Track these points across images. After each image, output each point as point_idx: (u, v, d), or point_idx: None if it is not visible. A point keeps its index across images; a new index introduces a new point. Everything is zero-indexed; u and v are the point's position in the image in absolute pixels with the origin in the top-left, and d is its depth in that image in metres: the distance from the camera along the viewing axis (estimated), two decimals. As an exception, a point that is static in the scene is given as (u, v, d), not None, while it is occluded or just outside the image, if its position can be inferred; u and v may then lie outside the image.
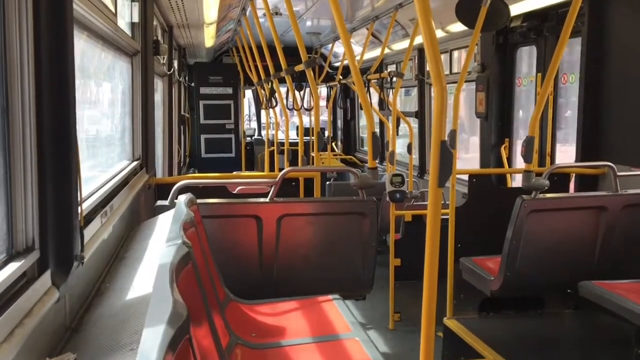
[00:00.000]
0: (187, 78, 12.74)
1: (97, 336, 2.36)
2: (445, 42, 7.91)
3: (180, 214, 3.10)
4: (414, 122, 9.52)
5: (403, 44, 8.70)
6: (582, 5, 4.22)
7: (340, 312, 3.53)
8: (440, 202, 2.27)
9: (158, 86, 7.52)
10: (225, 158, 13.52)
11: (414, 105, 9.96)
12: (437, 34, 7.23)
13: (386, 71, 8.44)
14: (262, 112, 12.85)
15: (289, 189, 5.22)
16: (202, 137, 13.55)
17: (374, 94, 8.37)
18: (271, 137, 10.60)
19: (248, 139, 14.28)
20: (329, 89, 14.20)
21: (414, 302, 2.46)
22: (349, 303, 3.83)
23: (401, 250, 5.85)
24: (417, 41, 7.11)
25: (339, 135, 15.14)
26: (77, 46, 3.16)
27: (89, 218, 2.89)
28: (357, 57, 8.92)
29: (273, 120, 9.53)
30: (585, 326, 4.80)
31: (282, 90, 8.23)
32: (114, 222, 3.43)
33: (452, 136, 4.73)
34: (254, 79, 9.61)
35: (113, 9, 3.92)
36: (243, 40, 9.08)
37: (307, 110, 9.65)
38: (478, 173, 6.01)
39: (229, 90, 13.53)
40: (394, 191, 4.12)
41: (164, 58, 7.10)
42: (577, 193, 5.44)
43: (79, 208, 2.36)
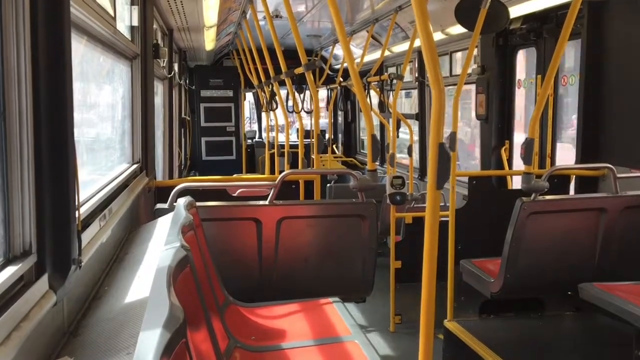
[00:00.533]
0: (187, 81, 12.74)
1: (95, 340, 2.36)
2: (445, 44, 7.90)
3: (179, 217, 3.10)
4: (415, 124, 9.52)
5: (403, 47, 8.70)
6: (581, 7, 4.22)
7: (340, 315, 3.52)
8: (439, 204, 2.27)
9: (158, 89, 7.53)
10: (226, 161, 13.51)
11: (414, 108, 9.96)
12: (437, 36, 7.31)
13: (386, 73, 8.41)
14: (263, 114, 12.84)
15: (289, 192, 5.23)
16: (203, 139, 13.55)
17: (375, 97, 8.36)
18: (272, 140, 10.60)
19: (249, 142, 14.28)
20: (329, 91, 14.19)
21: (415, 305, 2.46)
22: (349, 306, 3.82)
23: (402, 252, 5.84)
24: (417, 43, 7.10)
25: (340, 137, 15.14)
26: (77, 50, 3.17)
27: (87, 221, 2.89)
28: (357, 60, 8.92)
29: (274, 122, 9.54)
30: (585, 328, 4.78)
31: (283, 93, 8.22)
32: (113, 225, 3.42)
33: (452, 138, 4.73)
34: (255, 81, 9.61)
35: (112, 13, 3.93)
36: (243, 43, 9.08)
37: (307, 112, 9.65)
38: (478, 175, 6.01)
39: (229, 93, 13.53)
40: (395, 193, 4.10)
41: (164, 61, 7.10)
42: (576, 195, 5.43)
43: (77, 212, 2.36)
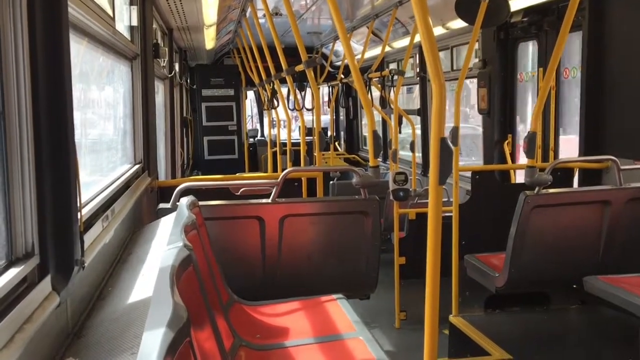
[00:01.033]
0: (188, 80, 12.73)
1: (99, 341, 2.36)
2: (446, 38, 7.88)
3: (181, 216, 3.10)
4: (417, 120, 9.49)
5: (404, 42, 8.68)
6: (581, -1, 4.21)
7: (345, 312, 3.51)
8: (442, 199, 2.27)
9: (159, 89, 7.52)
10: (228, 160, 13.50)
11: (416, 103, 9.94)
12: (437, 31, 7.28)
13: (387, 69, 8.39)
14: (265, 112, 12.84)
15: (292, 190, 5.22)
16: (205, 139, 13.54)
17: (376, 93, 8.34)
18: (274, 138, 10.58)
19: (251, 140, 14.26)
20: (330, 88, 14.16)
21: (420, 301, 2.45)
22: (353, 302, 3.82)
23: (406, 248, 5.82)
24: (417, 39, 7.07)
25: (342, 134, 15.12)
26: (78, 51, 3.16)
27: (90, 222, 2.88)
28: (358, 56, 8.90)
29: (275, 120, 9.53)
30: (591, 321, 4.77)
31: (284, 90, 8.21)
32: (116, 225, 3.42)
33: (454, 133, 4.72)
34: (255, 80, 9.60)
35: (111, 13, 3.92)
36: (243, 41, 9.07)
37: (309, 110, 9.64)
38: (481, 170, 5.99)
39: (230, 91, 13.51)
40: (398, 189, 4.11)
41: (165, 61, 7.10)
42: (580, 188, 5.41)
43: (79, 213, 2.35)
